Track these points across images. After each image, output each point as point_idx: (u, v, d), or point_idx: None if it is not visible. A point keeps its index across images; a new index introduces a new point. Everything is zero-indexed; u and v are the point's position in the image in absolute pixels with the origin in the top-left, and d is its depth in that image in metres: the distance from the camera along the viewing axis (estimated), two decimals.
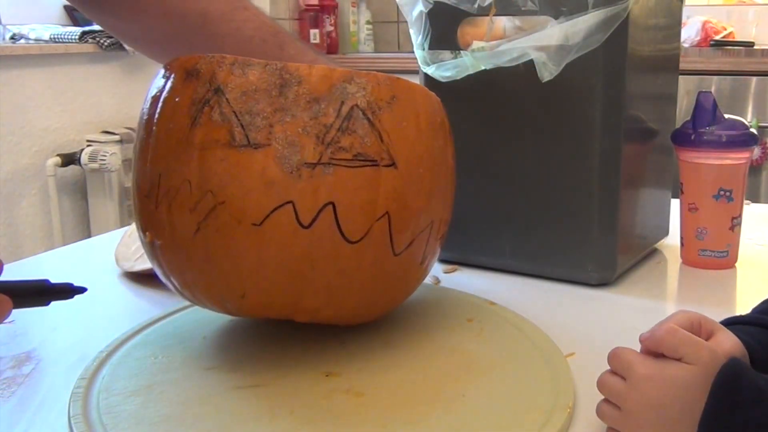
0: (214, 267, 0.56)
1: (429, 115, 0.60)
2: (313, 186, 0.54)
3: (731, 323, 0.53)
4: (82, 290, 0.55)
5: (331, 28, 3.05)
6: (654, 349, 0.47)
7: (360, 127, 0.55)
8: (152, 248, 0.59)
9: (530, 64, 0.74)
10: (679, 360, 0.46)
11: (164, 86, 0.58)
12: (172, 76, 0.58)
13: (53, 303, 0.58)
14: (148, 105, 0.59)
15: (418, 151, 0.58)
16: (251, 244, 0.54)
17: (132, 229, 0.89)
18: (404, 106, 0.58)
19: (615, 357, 0.49)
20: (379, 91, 0.56)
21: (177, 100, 0.56)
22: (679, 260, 0.86)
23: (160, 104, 0.58)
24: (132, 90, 2.46)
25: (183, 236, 0.56)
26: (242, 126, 0.54)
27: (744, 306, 0.73)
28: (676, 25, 0.87)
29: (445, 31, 0.80)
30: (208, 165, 0.54)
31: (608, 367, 0.50)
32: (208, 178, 0.54)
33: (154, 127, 0.57)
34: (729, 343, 0.49)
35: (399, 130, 0.57)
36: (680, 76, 0.90)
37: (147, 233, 0.59)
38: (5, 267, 0.54)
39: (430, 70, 0.80)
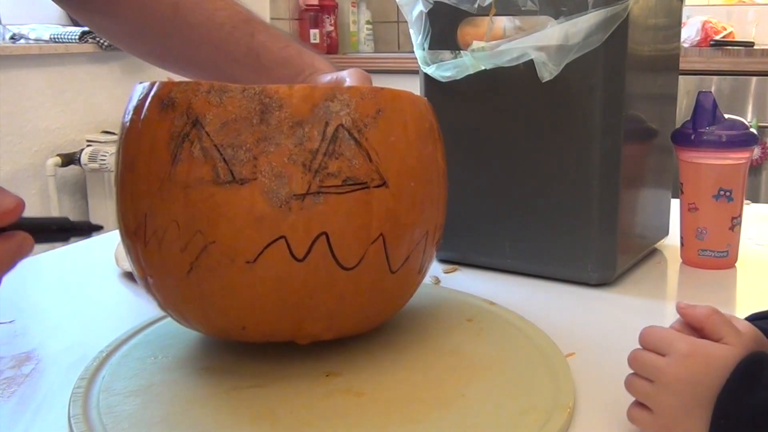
0: (211, 304, 0.56)
1: (417, 123, 0.58)
2: (304, 218, 0.52)
3: (753, 319, 0.53)
4: (98, 228, 0.55)
5: (331, 28, 3.05)
6: (695, 325, 0.49)
7: (347, 149, 0.53)
8: (146, 283, 0.59)
9: (530, 64, 0.74)
10: (718, 341, 0.47)
11: (140, 116, 0.56)
12: (146, 104, 0.55)
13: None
14: (125, 133, 0.57)
15: (408, 164, 0.56)
16: (246, 282, 0.53)
17: None
18: (391, 118, 0.56)
19: (651, 334, 0.50)
20: (364, 107, 0.54)
21: (155, 134, 0.54)
22: (679, 260, 0.86)
23: (137, 137, 0.55)
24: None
25: (176, 275, 0.55)
26: (225, 161, 0.52)
27: (744, 306, 0.73)
28: (676, 25, 0.87)
29: (445, 31, 0.80)
30: (194, 204, 0.52)
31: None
32: (195, 217, 0.52)
33: (133, 162, 0.55)
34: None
35: (387, 145, 0.55)
36: (680, 76, 0.90)
37: (138, 269, 0.58)
38: None
39: (430, 70, 0.80)
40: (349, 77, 0.70)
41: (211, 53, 0.76)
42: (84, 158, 2.27)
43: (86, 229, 0.54)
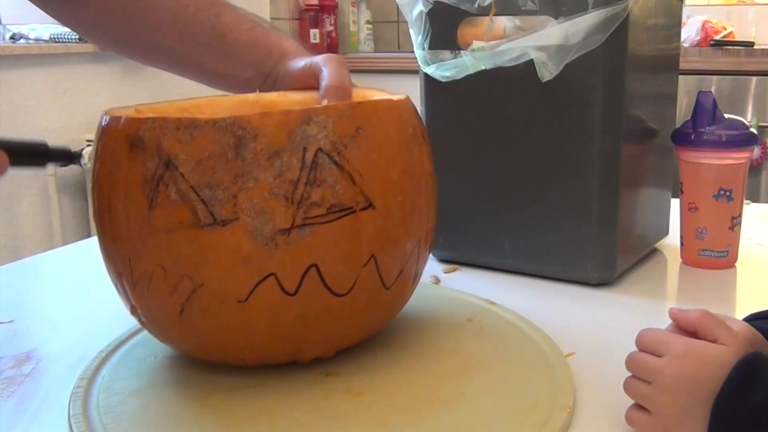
0: (207, 341, 0.55)
1: (399, 131, 0.56)
2: (292, 253, 0.51)
3: (752, 319, 0.53)
4: (78, 155, 0.54)
5: (331, 28, 3.05)
6: (688, 328, 0.49)
7: (329, 175, 0.51)
8: (139, 320, 0.58)
9: (530, 64, 0.74)
10: (713, 342, 0.47)
11: (109, 156, 0.54)
12: (114, 144, 0.53)
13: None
14: (96, 174, 0.55)
15: (394, 179, 0.55)
16: (240, 320, 0.53)
17: None
18: (371, 133, 0.53)
19: (647, 336, 0.50)
20: (342, 126, 0.52)
21: (127, 177, 0.52)
22: (679, 260, 0.86)
23: (109, 178, 0.54)
24: (132, 90, 2.46)
25: (168, 316, 0.54)
26: (204, 202, 0.50)
27: (744, 306, 0.73)
28: (676, 25, 0.87)
29: (445, 31, 0.80)
30: (178, 248, 0.51)
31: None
32: (180, 262, 0.51)
33: (109, 205, 0.54)
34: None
35: (370, 163, 0.53)
36: (680, 76, 0.90)
37: (130, 307, 0.57)
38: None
39: (430, 70, 0.80)
40: (324, 65, 0.68)
41: (176, 37, 0.75)
42: (84, 158, 2.27)
43: (66, 156, 0.52)
